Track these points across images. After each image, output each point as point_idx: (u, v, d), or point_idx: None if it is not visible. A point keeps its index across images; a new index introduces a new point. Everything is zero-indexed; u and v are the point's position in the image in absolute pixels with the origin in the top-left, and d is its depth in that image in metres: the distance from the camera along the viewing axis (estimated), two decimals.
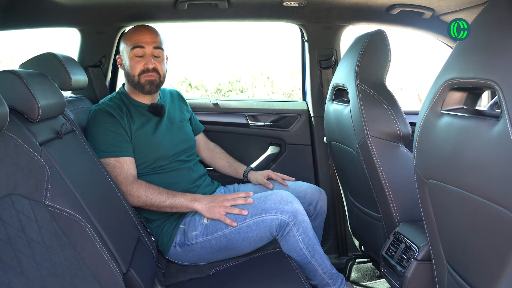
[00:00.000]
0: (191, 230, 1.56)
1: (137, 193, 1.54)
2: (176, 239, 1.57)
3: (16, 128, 1.06)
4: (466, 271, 1.03)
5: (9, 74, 1.16)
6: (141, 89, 1.68)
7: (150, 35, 1.69)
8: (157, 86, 1.70)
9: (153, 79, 1.67)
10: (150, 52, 1.67)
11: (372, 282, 2.07)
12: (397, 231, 1.46)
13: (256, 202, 1.53)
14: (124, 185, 1.54)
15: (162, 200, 1.55)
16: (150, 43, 1.67)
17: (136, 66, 1.66)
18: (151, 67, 1.66)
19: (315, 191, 1.78)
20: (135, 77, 1.67)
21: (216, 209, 1.53)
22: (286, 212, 1.48)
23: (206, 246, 1.54)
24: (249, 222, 1.50)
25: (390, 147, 1.48)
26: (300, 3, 1.87)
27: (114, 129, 1.59)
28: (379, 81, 1.51)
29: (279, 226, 1.48)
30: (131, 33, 1.70)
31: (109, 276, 1.11)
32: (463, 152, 0.92)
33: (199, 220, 1.57)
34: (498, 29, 0.86)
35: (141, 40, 1.66)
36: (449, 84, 0.99)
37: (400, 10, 1.89)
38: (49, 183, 1.05)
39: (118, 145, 1.58)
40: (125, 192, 1.54)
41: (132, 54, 1.67)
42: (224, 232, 1.52)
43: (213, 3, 1.87)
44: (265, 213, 1.49)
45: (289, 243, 1.51)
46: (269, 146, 2.23)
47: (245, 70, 6.67)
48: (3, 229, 0.93)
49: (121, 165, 1.56)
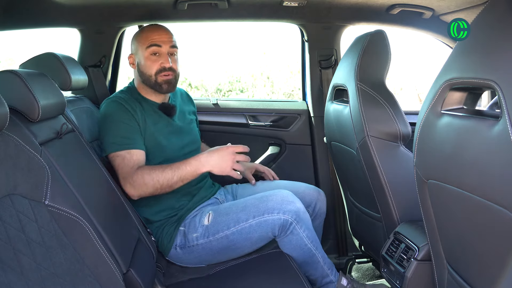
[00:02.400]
0: (192, 232, 1.55)
1: (143, 181, 1.46)
2: (177, 241, 1.57)
3: (16, 128, 1.06)
4: (466, 271, 1.03)
5: (9, 74, 1.16)
6: (159, 89, 1.64)
7: (167, 34, 1.66)
8: (174, 86, 1.67)
9: (170, 78, 1.64)
10: (166, 51, 1.64)
11: (372, 282, 2.07)
12: (397, 231, 1.46)
13: (258, 202, 1.52)
14: (129, 177, 1.48)
15: (170, 177, 1.47)
16: (167, 42, 1.64)
17: (153, 66, 1.62)
18: (168, 66, 1.62)
19: (314, 192, 1.77)
20: (151, 77, 1.63)
21: (225, 164, 1.48)
22: (289, 212, 1.48)
23: (207, 248, 1.54)
24: (252, 223, 1.49)
25: (390, 147, 1.48)
26: (300, 3, 1.87)
27: (128, 121, 1.55)
28: (379, 81, 1.51)
29: (282, 225, 1.49)
30: (146, 31, 1.66)
31: (109, 276, 1.11)
32: (463, 152, 0.92)
33: (199, 221, 1.56)
34: (498, 29, 0.86)
35: (158, 39, 1.63)
36: (449, 84, 0.99)
37: (400, 10, 1.89)
38: (49, 183, 1.05)
39: (131, 137, 1.54)
40: (132, 184, 1.47)
41: (148, 53, 1.62)
42: (225, 233, 1.51)
43: (213, 3, 1.87)
44: (268, 213, 1.49)
45: (293, 241, 1.52)
46: (269, 146, 2.23)
47: (245, 70, 6.66)
48: (3, 229, 0.93)
49: (130, 156, 1.51)
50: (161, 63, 1.62)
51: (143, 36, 1.66)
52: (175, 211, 1.62)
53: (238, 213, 1.52)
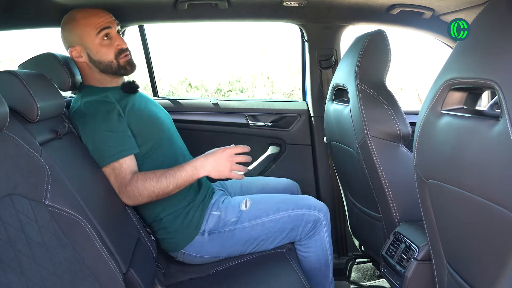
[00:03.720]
0: (229, 216, 1.54)
1: (138, 192, 1.39)
2: (208, 226, 1.52)
3: (16, 128, 1.06)
4: (466, 271, 1.03)
5: (8, 74, 1.16)
6: (124, 72, 1.54)
7: (108, 14, 1.55)
8: (135, 65, 1.58)
9: (130, 57, 1.56)
10: (116, 31, 1.53)
11: (372, 282, 2.07)
12: (397, 231, 1.46)
13: (295, 198, 1.61)
14: (123, 189, 1.40)
15: (165, 187, 1.40)
16: (113, 22, 1.53)
17: (109, 50, 1.51)
18: (125, 46, 1.54)
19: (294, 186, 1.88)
20: (112, 62, 1.52)
21: (222, 167, 1.44)
22: (322, 211, 1.58)
23: (237, 234, 1.53)
24: (291, 213, 1.55)
25: (390, 147, 1.48)
26: (300, 3, 1.87)
27: (112, 126, 1.42)
28: (379, 81, 1.51)
29: (315, 223, 1.56)
30: (87, 17, 1.50)
31: (109, 276, 1.11)
32: (463, 152, 0.92)
33: (238, 207, 1.56)
34: (498, 29, 0.86)
35: (104, 21, 1.50)
36: (449, 84, 0.99)
37: (400, 10, 1.89)
38: (49, 183, 1.05)
39: (118, 144, 1.42)
40: (127, 195, 1.40)
41: (99, 39, 1.49)
42: (263, 219, 1.54)
43: (213, 3, 1.87)
44: (306, 208, 1.56)
45: (318, 242, 1.58)
46: (269, 146, 2.23)
47: (245, 70, 6.66)
48: (3, 229, 0.93)
49: (120, 166, 1.41)
50: (117, 45, 1.52)
51: (87, 23, 1.50)
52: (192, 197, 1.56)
53: (278, 203, 1.57)
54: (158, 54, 5.81)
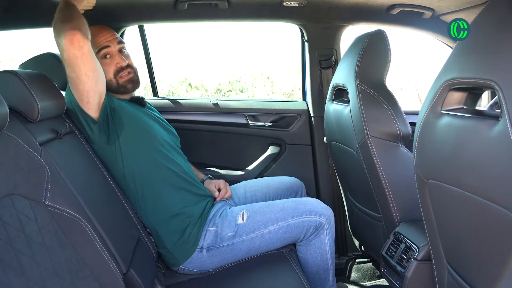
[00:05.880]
0: (226, 231, 1.50)
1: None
2: (205, 242, 1.49)
3: (16, 128, 1.06)
4: (466, 271, 1.03)
5: (9, 74, 1.16)
6: (124, 90, 1.57)
7: (109, 32, 1.57)
8: (138, 81, 1.60)
9: (132, 76, 1.58)
10: (116, 50, 1.56)
11: (372, 282, 2.07)
12: (397, 231, 1.46)
13: (295, 204, 1.56)
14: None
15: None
16: (113, 40, 1.55)
17: (109, 69, 1.54)
18: (124, 64, 1.55)
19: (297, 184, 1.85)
20: (112, 81, 1.55)
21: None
22: (324, 215, 1.55)
23: (236, 248, 1.50)
24: (290, 223, 1.52)
25: (390, 147, 1.48)
26: (300, 3, 1.87)
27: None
28: (379, 81, 1.51)
29: (316, 227, 1.53)
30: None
31: (109, 276, 1.11)
32: (463, 152, 0.92)
33: (234, 220, 1.52)
34: (498, 29, 0.86)
35: (104, 41, 1.54)
36: (449, 84, 0.99)
37: (400, 10, 1.89)
38: (49, 183, 1.05)
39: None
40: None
41: (99, 58, 1.48)
42: (262, 231, 1.51)
43: (213, 3, 1.87)
44: (306, 215, 1.53)
45: (316, 245, 1.55)
46: (269, 146, 2.23)
47: (245, 70, 6.66)
48: (3, 229, 0.93)
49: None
50: (116, 64, 1.55)
51: None
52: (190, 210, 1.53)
53: (276, 213, 1.53)
54: (158, 54, 5.82)
